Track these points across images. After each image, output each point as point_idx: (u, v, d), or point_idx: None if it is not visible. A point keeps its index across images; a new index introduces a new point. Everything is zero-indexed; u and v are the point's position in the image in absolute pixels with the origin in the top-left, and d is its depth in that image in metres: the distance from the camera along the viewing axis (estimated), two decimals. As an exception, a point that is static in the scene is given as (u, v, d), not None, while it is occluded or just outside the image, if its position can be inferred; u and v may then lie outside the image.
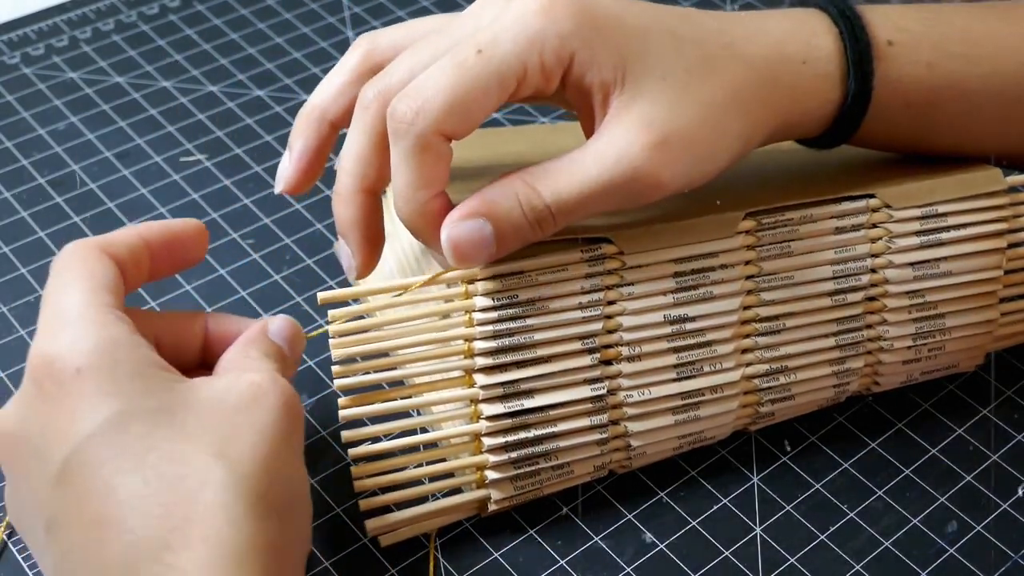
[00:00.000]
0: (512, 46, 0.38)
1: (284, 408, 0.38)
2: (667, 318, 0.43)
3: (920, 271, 0.46)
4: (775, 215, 0.44)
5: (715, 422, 0.46)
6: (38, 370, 0.37)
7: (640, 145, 0.39)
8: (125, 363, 0.37)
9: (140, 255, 0.41)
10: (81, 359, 0.37)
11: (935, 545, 0.45)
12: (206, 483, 0.35)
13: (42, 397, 0.37)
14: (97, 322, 0.37)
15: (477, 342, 0.42)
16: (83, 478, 0.35)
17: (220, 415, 0.37)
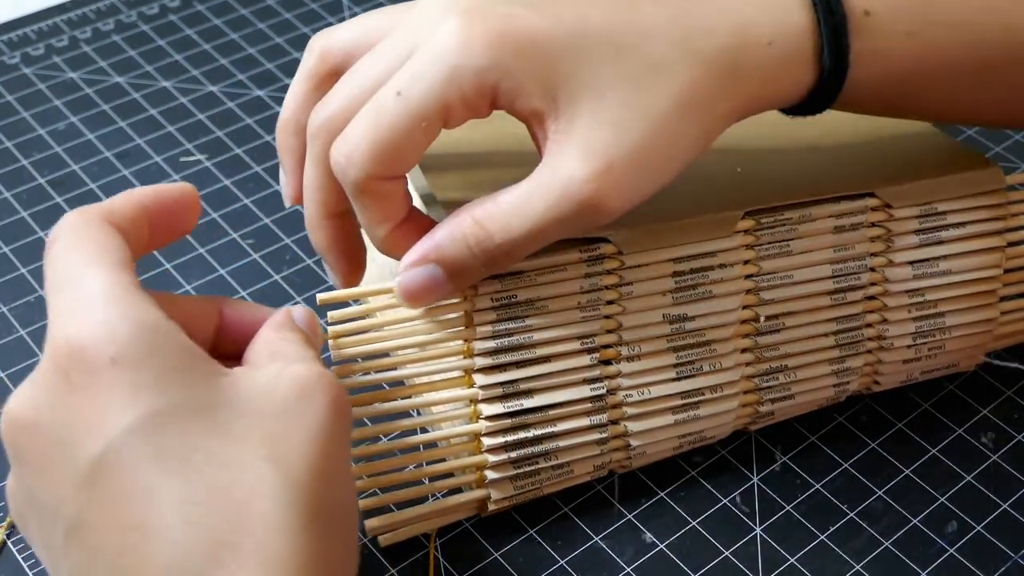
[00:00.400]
0: (429, 86, 0.37)
1: (334, 406, 0.35)
2: (666, 317, 0.43)
3: (919, 270, 0.46)
4: (774, 214, 0.44)
5: (715, 421, 0.46)
6: (64, 357, 0.33)
7: (583, 176, 0.37)
8: (163, 353, 0.33)
9: (141, 225, 0.38)
10: (116, 348, 0.33)
11: (935, 545, 0.45)
12: (257, 491, 0.32)
13: (69, 387, 0.33)
14: (129, 305, 0.34)
15: (476, 342, 0.42)
16: (118, 479, 0.32)
17: (267, 414, 0.34)
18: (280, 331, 0.38)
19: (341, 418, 0.35)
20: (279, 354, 0.37)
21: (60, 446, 0.33)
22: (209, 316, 0.40)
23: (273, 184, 0.61)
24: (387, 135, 0.38)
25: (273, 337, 0.38)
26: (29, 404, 0.34)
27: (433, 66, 0.37)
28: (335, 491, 0.35)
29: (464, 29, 0.37)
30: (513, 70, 0.37)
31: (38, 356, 0.52)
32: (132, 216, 0.38)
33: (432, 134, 0.38)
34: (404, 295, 0.40)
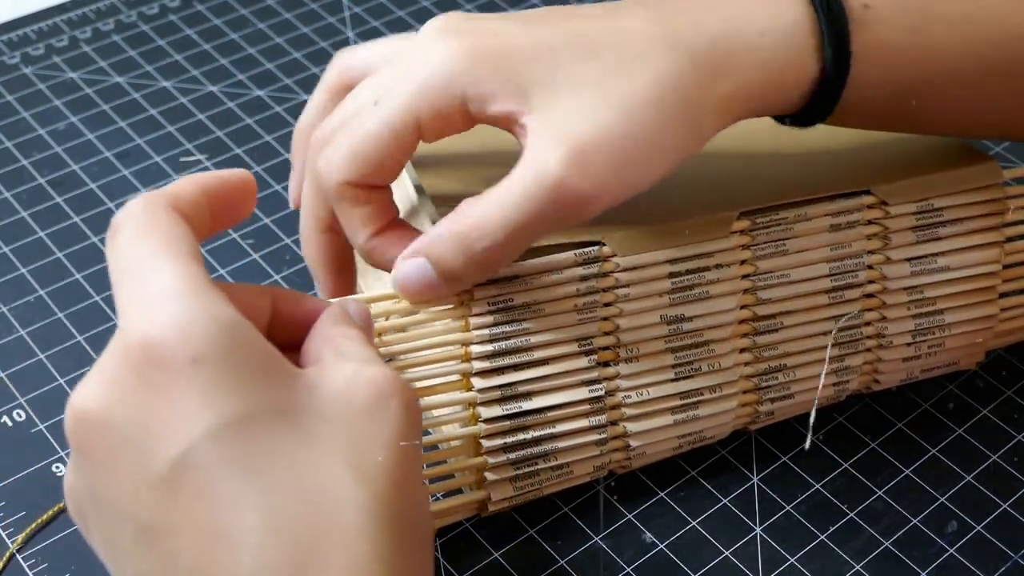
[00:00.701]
0: (400, 98, 0.39)
1: (408, 411, 0.34)
2: (664, 318, 0.43)
3: (917, 267, 0.46)
4: (769, 214, 0.44)
5: (714, 421, 0.46)
6: (138, 354, 0.32)
7: (555, 159, 0.38)
8: (242, 352, 0.32)
9: (203, 211, 0.36)
10: (195, 346, 0.31)
11: (935, 545, 0.45)
12: (344, 502, 0.31)
13: (143, 385, 0.32)
14: (205, 300, 0.32)
15: (474, 346, 0.42)
16: (198, 483, 0.31)
17: (347, 419, 0.33)
18: (339, 326, 0.37)
19: (415, 424, 0.34)
20: (346, 354, 0.35)
21: (132, 446, 0.32)
22: (263, 308, 0.38)
23: (273, 184, 0.61)
24: (360, 143, 0.40)
25: (334, 333, 0.37)
26: (99, 400, 0.32)
27: (406, 80, 0.39)
28: (413, 499, 0.34)
29: (438, 46, 0.39)
30: (479, 77, 0.39)
31: (38, 356, 0.53)
32: (196, 202, 0.36)
33: (406, 145, 0.40)
34: (398, 288, 0.41)
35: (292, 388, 0.33)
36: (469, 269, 0.39)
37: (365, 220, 0.41)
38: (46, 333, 0.54)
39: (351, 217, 0.41)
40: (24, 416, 0.50)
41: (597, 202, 0.38)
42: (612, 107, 0.38)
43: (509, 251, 0.39)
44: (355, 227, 0.41)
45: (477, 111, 0.39)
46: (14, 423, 0.50)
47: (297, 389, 0.33)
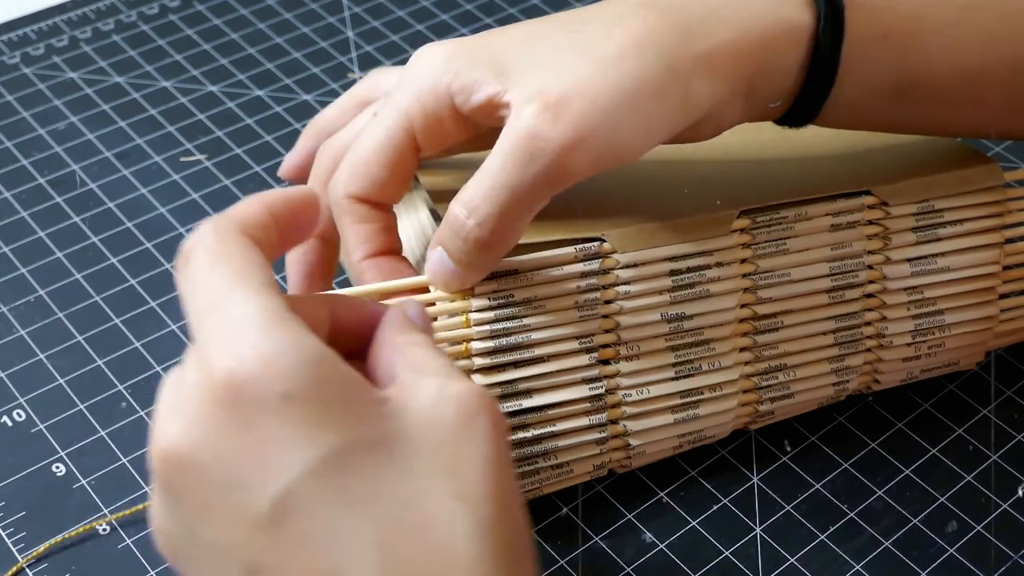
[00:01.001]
0: (395, 103, 0.41)
1: (498, 428, 0.33)
2: (664, 316, 0.43)
3: (917, 267, 0.46)
4: (770, 213, 0.44)
5: (714, 420, 0.46)
6: (225, 391, 0.31)
7: (530, 110, 0.37)
8: (331, 385, 0.31)
9: (271, 233, 0.35)
10: (286, 382, 0.30)
11: (935, 545, 0.45)
12: (455, 533, 0.30)
13: (234, 424, 0.31)
14: (289, 333, 0.31)
15: (474, 342, 0.42)
16: (303, 523, 0.30)
17: (440, 444, 0.32)
18: (405, 333, 0.36)
19: (504, 437, 0.33)
20: (420, 366, 0.34)
21: (228, 486, 0.31)
22: (323, 318, 0.37)
23: (273, 184, 0.61)
24: (361, 153, 0.41)
25: (401, 342, 0.35)
26: (187, 440, 0.31)
27: (399, 89, 0.41)
28: (516, 520, 0.33)
29: (427, 54, 0.41)
30: (461, 69, 0.40)
31: (38, 356, 0.53)
32: (264, 224, 0.35)
33: (404, 154, 0.41)
34: (429, 279, 0.41)
35: (382, 416, 0.32)
36: (471, 250, 0.39)
37: (362, 239, 0.42)
38: (46, 333, 0.54)
39: (350, 233, 0.42)
40: (24, 416, 0.50)
41: (580, 152, 0.37)
42: (590, 61, 0.38)
43: (505, 222, 0.38)
44: (351, 244, 0.42)
45: (464, 104, 0.40)
46: (14, 423, 0.50)
47: (387, 416, 0.32)
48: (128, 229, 0.59)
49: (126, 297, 0.55)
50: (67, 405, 0.51)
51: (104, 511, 0.47)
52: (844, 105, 0.42)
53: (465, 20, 0.73)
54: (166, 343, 0.53)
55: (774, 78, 0.41)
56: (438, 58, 0.40)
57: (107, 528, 0.46)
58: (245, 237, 0.34)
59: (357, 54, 0.70)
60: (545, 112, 0.37)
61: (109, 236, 0.58)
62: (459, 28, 0.72)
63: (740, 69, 0.40)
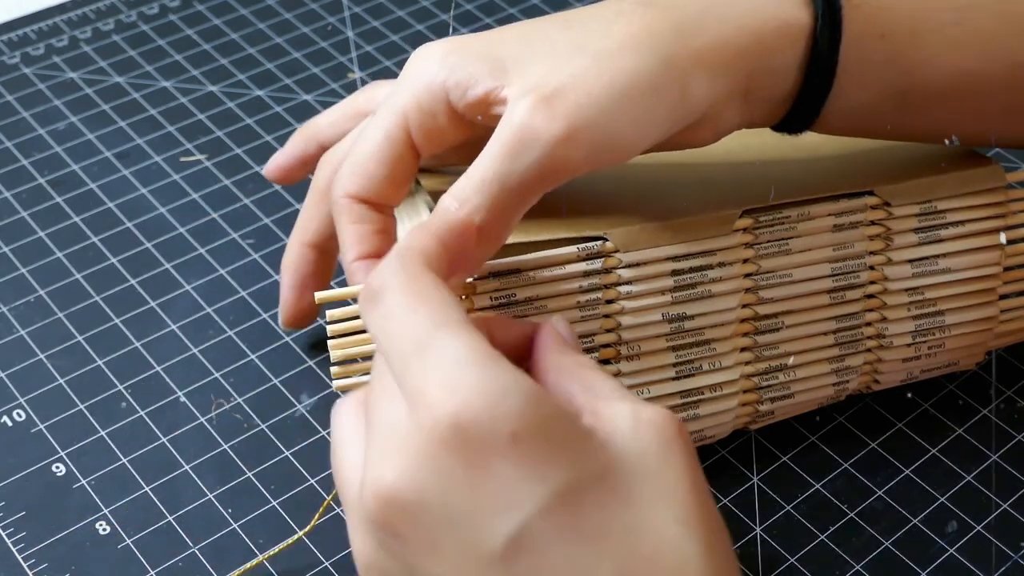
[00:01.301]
0: (392, 102, 0.40)
1: (691, 449, 0.33)
2: (665, 316, 0.43)
3: (919, 268, 0.46)
4: (772, 213, 0.44)
5: (715, 420, 0.46)
6: (451, 434, 0.31)
7: (525, 103, 0.37)
8: (552, 422, 0.31)
9: (444, 267, 0.36)
10: (514, 423, 0.31)
11: (935, 545, 0.45)
12: (684, 557, 0.31)
13: (462, 466, 0.31)
14: (504, 372, 0.31)
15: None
16: (538, 558, 0.30)
17: (653, 473, 0.32)
18: (566, 355, 0.36)
19: (696, 457, 0.33)
20: (597, 390, 0.34)
21: (456, 525, 0.31)
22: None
23: (273, 184, 0.61)
24: (360, 152, 0.41)
25: (568, 365, 0.35)
26: (412, 485, 0.31)
27: (398, 88, 0.41)
28: (725, 537, 0.33)
29: (424, 53, 0.41)
30: (457, 66, 0.39)
31: (38, 356, 0.53)
32: (440, 256, 0.36)
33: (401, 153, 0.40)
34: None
35: (595, 450, 0.32)
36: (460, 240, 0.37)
37: (356, 240, 0.42)
38: (46, 333, 0.54)
39: (346, 232, 0.42)
40: (24, 416, 0.50)
41: (572, 144, 0.37)
42: (587, 54, 0.38)
43: (496, 214, 0.37)
44: (347, 244, 0.42)
45: (459, 100, 0.39)
46: (14, 423, 0.50)
47: (600, 449, 0.32)
48: (128, 229, 0.59)
49: (126, 297, 0.55)
50: (67, 405, 0.51)
51: (104, 511, 0.47)
52: (843, 109, 0.42)
53: (465, 20, 0.73)
54: (166, 343, 0.53)
55: (772, 78, 0.41)
56: (434, 55, 0.40)
57: (107, 528, 0.46)
58: (431, 275, 0.34)
59: (357, 54, 0.70)
60: (539, 104, 0.37)
61: (109, 236, 0.58)
62: (459, 28, 0.72)
63: (737, 67, 0.40)
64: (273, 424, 0.50)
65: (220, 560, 0.45)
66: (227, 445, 0.49)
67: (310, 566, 0.45)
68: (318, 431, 0.49)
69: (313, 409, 0.50)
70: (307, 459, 0.48)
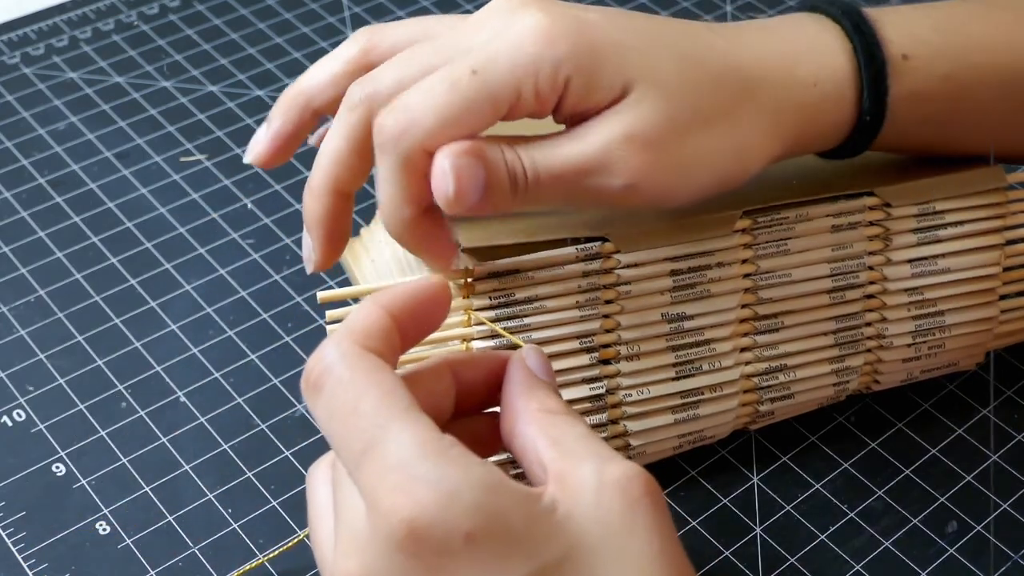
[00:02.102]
0: (507, 69, 0.37)
1: (660, 506, 0.33)
2: (665, 316, 0.43)
3: (918, 268, 0.46)
4: (771, 214, 0.44)
5: (715, 421, 0.46)
6: (407, 539, 0.30)
7: (622, 138, 0.38)
8: (509, 513, 0.31)
9: (394, 340, 0.35)
10: (468, 523, 0.30)
11: (935, 545, 0.45)
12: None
13: (424, 570, 0.31)
14: (457, 465, 0.31)
15: (475, 341, 0.42)
16: None
17: (616, 542, 0.32)
18: (535, 398, 0.36)
19: (667, 512, 0.33)
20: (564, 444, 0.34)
21: None
22: (447, 384, 0.37)
23: (273, 184, 0.61)
24: (456, 110, 0.37)
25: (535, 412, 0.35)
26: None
27: (513, 51, 0.37)
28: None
29: (545, 22, 0.37)
30: (589, 67, 0.37)
31: (38, 356, 0.53)
32: (386, 330, 0.34)
33: (493, 121, 0.37)
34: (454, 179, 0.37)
35: (557, 530, 0.32)
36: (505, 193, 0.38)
37: (418, 195, 0.38)
38: (46, 333, 0.54)
39: (406, 189, 0.38)
40: (24, 416, 0.50)
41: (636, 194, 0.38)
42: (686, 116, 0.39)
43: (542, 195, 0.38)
44: (406, 200, 0.38)
45: (571, 102, 0.38)
46: (14, 423, 0.50)
47: (561, 528, 0.32)
48: (128, 229, 0.59)
49: (126, 297, 0.55)
50: (67, 405, 0.51)
51: (104, 511, 0.47)
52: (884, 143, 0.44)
53: (465, 20, 0.73)
54: (166, 343, 0.53)
55: (812, 148, 0.44)
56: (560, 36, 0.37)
57: (107, 528, 0.46)
58: (373, 357, 0.33)
59: (357, 54, 0.70)
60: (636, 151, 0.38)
61: (109, 236, 0.58)
62: (459, 28, 0.72)
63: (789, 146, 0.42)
64: (273, 424, 0.50)
65: (220, 560, 0.45)
66: (227, 445, 0.49)
67: (310, 566, 0.45)
68: (318, 431, 0.49)
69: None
70: (307, 459, 0.48)
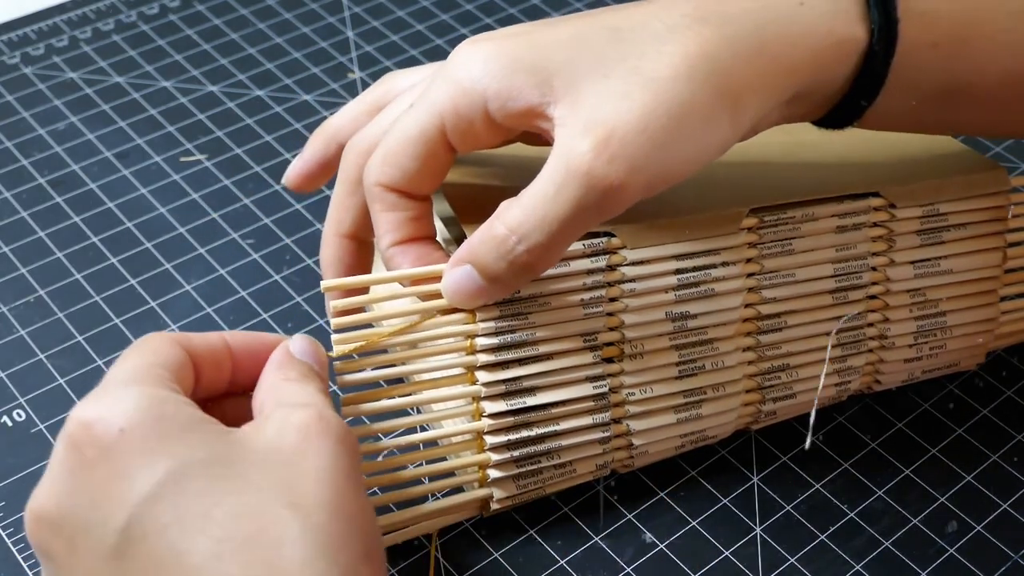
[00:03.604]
0: (430, 98, 0.39)
1: (341, 445, 0.35)
2: (669, 315, 0.43)
3: (921, 269, 0.46)
4: (777, 213, 0.44)
5: (717, 420, 0.46)
6: (76, 436, 0.34)
7: (583, 149, 0.37)
8: (170, 418, 0.34)
9: (220, 356, 0.39)
10: (122, 418, 0.34)
11: (935, 545, 0.45)
12: (283, 538, 0.32)
13: (84, 465, 0.34)
14: (141, 383, 0.35)
15: (479, 339, 0.42)
16: (147, 546, 0.32)
17: (279, 462, 0.34)
18: (281, 370, 0.39)
19: (349, 455, 0.35)
20: (283, 400, 0.37)
21: (85, 526, 0.33)
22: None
23: (273, 184, 0.61)
24: (393, 143, 0.40)
25: (276, 380, 0.39)
26: (50, 496, 0.34)
27: (436, 84, 0.40)
28: (355, 524, 0.34)
29: (467, 51, 0.39)
30: (500, 74, 0.38)
31: (38, 356, 0.53)
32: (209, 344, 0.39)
33: (435, 150, 0.40)
34: (448, 296, 0.41)
35: (225, 442, 0.35)
36: (514, 272, 0.39)
37: (391, 226, 0.41)
38: (46, 333, 0.54)
39: (379, 221, 0.41)
40: (24, 416, 0.50)
41: (633, 187, 0.37)
42: (644, 89, 0.37)
43: (553, 250, 0.39)
44: (381, 231, 0.42)
45: (498, 111, 0.39)
46: (14, 423, 0.50)
47: (231, 442, 0.35)
48: (128, 229, 0.59)
49: (126, 297, 0.55)
50: (67, 405, 0.51)
51: (104, 511, 0.47)
52: (886, 109, 0.41)
53: (465, 20, 0.73)
54: (166, 343, 0.53)
55: (821, 87, 0.40)
56: (476, 59, 0.39)
57: (107, 528, 0.46)
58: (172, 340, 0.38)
59: (357, 54, 0.70)
60: (602, 151, 0.37)
61: (109, 236, 0.58)
62: (459, 28, 0.72)
63: (788, 84, 0.39)
64: (273, 424, 0.50)
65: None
66: (227, 445, 0.49)
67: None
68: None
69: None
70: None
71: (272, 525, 0.32)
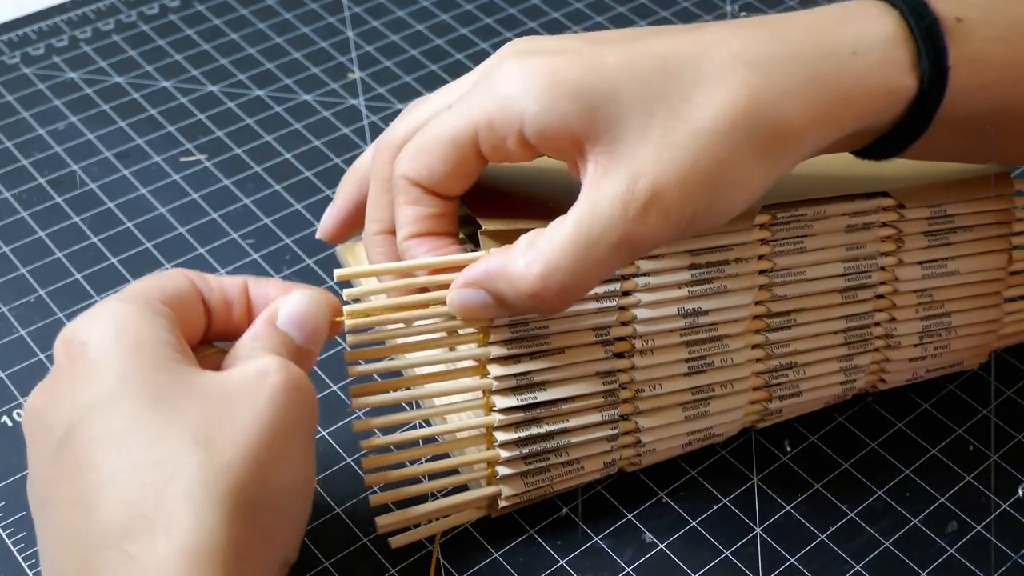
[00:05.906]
0: (469, 105, 0.39)
1: (287, 391, 0.36)
2: (681, 311, 0.43)
3: (928, 270, 0.46)
4: (790, 210, 0.44)
5: (724, 418, 0.46)
6: (57, 346, 0.38)
7: (623, 201, 0.36)
8: (128, 337, 0.36)
9: (233, 298, 0.41)
10: (88, 333, 0.37)
11: (935, 545, 0.46)
12: (180, 470, 0.34)
13: (56, 372, 0.37)
14: (124, 301, 0.38)
15: (492, 331, 0.42)
16: (72, 454, 0.35)
17: (219, 398, 0.36)
18: (264, 326, 0.40)
19: (295, 405, 0.37)
20: (263, 345, 0.39)
21: (44, 427, 0.36)
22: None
23: (273, 184, 0.61)
24: (425, 140, 0.40)
25: (262, 331, 0.40)
26: (34, 395, 0.38)
27: (479, 92, 0.39)
28: (272, 478, 0.36)
29: (512, 66, 0.38)
30: (542, 98, 0.37)
31: (38, 356, 0.53)
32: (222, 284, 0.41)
33: (465, 156, 0.39)
34: (454, 309, 0.41)
35: (175, 372, 0.36)
36: (531, 308, 0.39)
37: (411, 220, 0.41)
38: (46, 333, 0.54)
39: (400, 212, 0.41)
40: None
41: (664, 238, 0.37)
42: (685, 136, 0.36)
43: (576, 294, 0.38)
44: (401, 223, 0.41)
45: (534, 134, 0.38)
46: (14, 423, 0.50)
47: (182, 374, 0.36)
48: (128, 229, 0.59)
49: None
50: (67, 404, 0.50)
51: (105, 510, 0.47)
52: (931, 145, 0.41)
53: (465, 20, 0.73)
54: (166, 343, 0.53)
55: (863, 133, 0.40)
56: (521, 74, 0.38)
57: (108, 527, 0.46)
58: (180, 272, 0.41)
59: (357, 54, 0.70)
60: (640, 205, 0.36)
61: (109, 236, 0.58)
62: (459, 28, 0.72)
63: (832, 133, 0.39)
64: (274, 424, 0.50)
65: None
66: (228, 445, 0.49)
67: (310, 566, 0.45)
68: (319, 431, 0.49)
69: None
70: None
71: (174, 456, 0.34)
